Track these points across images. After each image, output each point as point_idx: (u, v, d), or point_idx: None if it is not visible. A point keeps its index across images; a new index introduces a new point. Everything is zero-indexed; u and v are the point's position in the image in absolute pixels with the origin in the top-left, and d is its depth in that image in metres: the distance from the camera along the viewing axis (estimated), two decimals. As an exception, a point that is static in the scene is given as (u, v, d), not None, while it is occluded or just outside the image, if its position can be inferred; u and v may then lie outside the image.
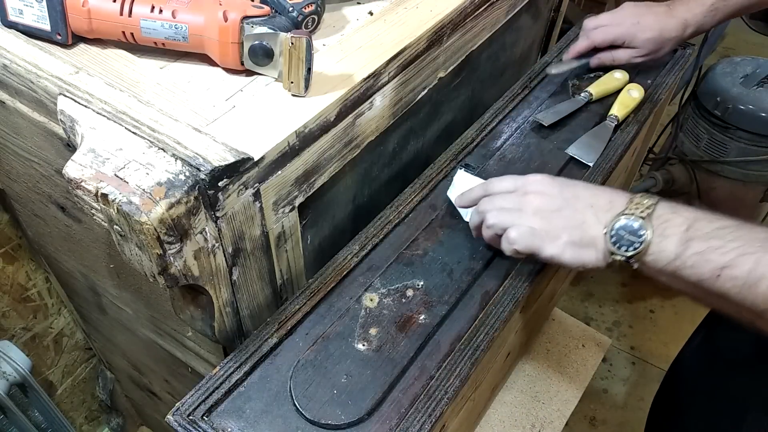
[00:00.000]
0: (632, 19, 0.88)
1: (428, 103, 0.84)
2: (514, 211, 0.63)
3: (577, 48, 0.94)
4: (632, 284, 1.90)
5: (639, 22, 0.87)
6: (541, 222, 0.60)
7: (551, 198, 0.61)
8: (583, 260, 0.59)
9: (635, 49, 0.90)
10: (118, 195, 0.49)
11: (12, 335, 1.07)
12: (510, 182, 0.65)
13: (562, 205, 0.60)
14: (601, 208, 0.58)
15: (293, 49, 0.58)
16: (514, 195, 0.64)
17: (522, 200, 0.62)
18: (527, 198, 0.62)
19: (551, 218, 0.60)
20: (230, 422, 0.57)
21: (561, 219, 0.59)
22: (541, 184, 0.63)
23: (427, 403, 0.59)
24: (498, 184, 0.66)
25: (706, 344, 0.99)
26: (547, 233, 0.60)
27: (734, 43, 2.79)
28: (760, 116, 1.50)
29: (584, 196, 0.60)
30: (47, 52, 0.62)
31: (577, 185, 0.61)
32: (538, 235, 0.60)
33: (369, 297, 0.67)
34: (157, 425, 1.39)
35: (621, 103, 0.91)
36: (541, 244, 0.60)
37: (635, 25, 0.87)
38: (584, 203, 0.59)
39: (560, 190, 0.61)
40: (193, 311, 0.65)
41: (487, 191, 0.67)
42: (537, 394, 1.24)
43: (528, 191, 0.63)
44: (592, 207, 0.58)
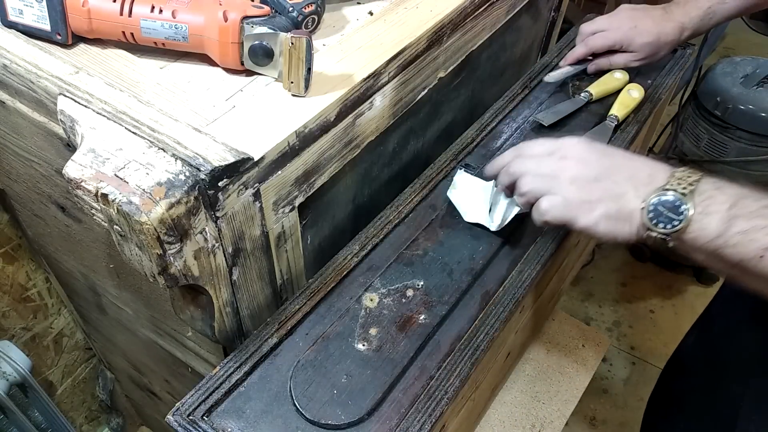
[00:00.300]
0: (629, 23, 0.87)
1: (428, 103, 0.84)
2: (548, 178, 0.59)
3: (575, 54, 0.93)
4: (632, 284, 1.90)
5: (636, 26, 0.87)
6: (576, 192, 0.57)
7: (589, 165, 0.58)
8: (616, 233, 0.56)
9: (633, 53, 0.89)
10: (118, 195, 0.49)
11: (12, 335, 1.07)
12: (546, 146, 0.62)
13: (601, 174, 0.57)
14: (641, 181, 0.55)
15: (293, 49, 0.58)
16: (550, 159, 0.60)
17: (558, 166, 0.59)
18: (564, 164, 0.59)
19: (588, 188, 0.57)
20: (230, 422, 0.57)
21: (598, 190, 0.56)
22: (579, 149, 0.59)
23: (427, 403, 0.59)
24: (532, 147, 0.63)
25: (701, 343, 0.99)
26: (581, 203, 0.57)
27: (734, 43, 2.79)
28: (760, 116, 1.50)
29: (624, 167, 0.57)
30: (47, 52, 0.62)
31: (615, 154, 0.58)
32: (572, 206, 0.57)
33: (369, 297, 0.67)
34: (157, 425, 1.39)
35: (621, 103, 0.91)
36: (575, 215, 0.57)
37: (633, 29, 0.87)
38: (624, 175, 0.56)
39: (599, 158, 0.58)
40: (193, 311, 0.65)
41: (521, 154, 0.64)
42: (537, 394, 1.24)
43: (565, 155, 0.59)
44: (632, 179, 0.55)
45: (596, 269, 1.93)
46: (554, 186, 0.59)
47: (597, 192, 0.57)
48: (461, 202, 0.76)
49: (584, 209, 0.57)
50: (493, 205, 0.75)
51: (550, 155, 0.61)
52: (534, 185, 0.60)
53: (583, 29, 0.92)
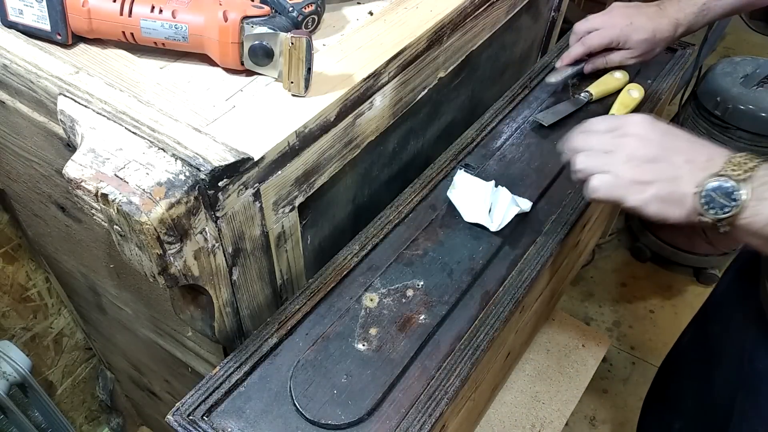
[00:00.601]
0: (624, 20, 0.86)
1: (428, 103, 0.84)
2: (603, 155, 0.59)
3: (572, 54, 0.92)
4: (632, 284, 1.90)
5: (632, 23, 0.86)
6: (630, 170, 0.57)
7: (649, 144, 0.58)
8: (666, 215, 0.56)
9: (629, 50, 0.89)
10: (118, 195, 0.49)
11: (12, 335, 1.07)
12: (608, 122, 0.62)
13: (659, 155, 0.57)
14: (699, 166, 0.54)
15: (293, 49, 0.58)
16: (610, 135, 0.60)
17: (618, 142, 0.59)
18: (624, 140, 0.59)
19: (643, 168, 0.57)
20: (230, 422, 0.57)
21: (653, 170, 0.56)
22: (642, 126, 0.59)
23: (427, 403, 0.59)
24: (595, 124, 0.63)
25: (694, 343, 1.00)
26: (633, 182, 0.57)
27: (734, 43, 2.79)
28: (760, 116, 1.50)
29: (684, 149, 0.56)
30: (47, 52, 0.62)
31: (678, 135, 0.58)
32: (623, 185, 0.57)
33: (369, 297, 0.67)
34: (157, 425, 1.39)
35: (621, 103, 0.91)
36: (625, 194, 0.57)
37: (628, 26, 0.86)
38: (683, 158, 0.56)
39: (661, 137, 0.58)
40: (193, 311, 0.65)
41: (584, 129, 0.64)
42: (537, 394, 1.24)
43: (627, 132, 0.59)
44: (690, 163, 0.55)
45: (596, 269, 1.93)
46: (608, 163, 0.59)
47: (651, 173, 0.56)
48: (461, 202, 0.76)
49: (635, 189, 0.57)
50: (493, 205, 0.75)
51: (611, 132, 0.60)
52: (588, 163, 0.61)
53: (577, 28, 0.91)
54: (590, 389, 1.29)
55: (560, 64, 0.94)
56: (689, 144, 0.57)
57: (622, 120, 0.61)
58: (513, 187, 0.78)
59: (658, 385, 1.12)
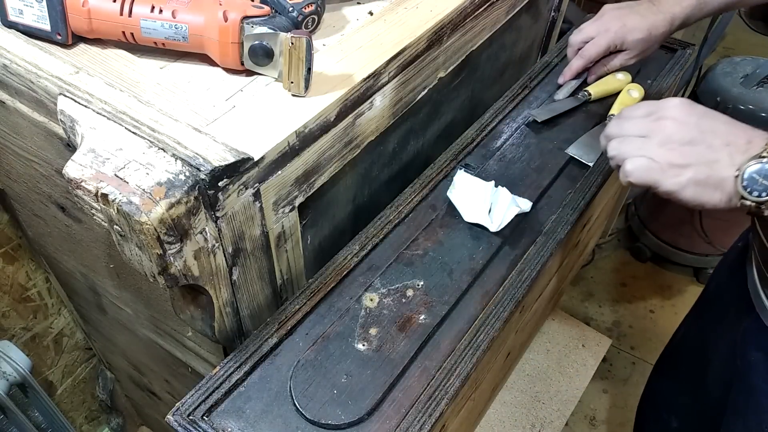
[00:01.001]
0: (617, 23, 0.85)
1: (428, 103, 0.84)
2: (637, 140, 0.59)
3: (573, 69, 0.92)
4: (632, 284, 1.90)
5: (625, 24, 0.85)
6: (666, 153, 0.56)
7: (686, 127, 0.56)
8: (703, 200, 0.55)
9: (626, 51, 0.88)
10: (118, 195, 0.49)
11: (12, 335, 1.07)
12: (645, 107, 0.61)
13: (696, 138, 0.55)
14: (738, 148, 0.53)
15: (293, 49, 0.58)
16: (646, 120, 0.59)
17: (654, 126, 0.58)
18: (661, 123, 0.58)
19: (679, 151, 0.56)
20: (230, 422, 0.57)
21: (690, 154, 0.55)
22: (680, 109, 0.57)
23: (427, 403, 0.59)
24: (633, 110, 0.62)
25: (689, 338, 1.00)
26: (669, 166, 0.56)
27: (734, 43, 2.79)
28: (760, 116, 1.50)
29: (722, 132, 0.55)
30: (47, 52, 0.62)
31: (717, 118, 0.56)
32: (657, 168, 0.56)
33: (369, 297, 0.67)
34: (157, 425, 1.39)
35: (621, 103, 0.91)
36: (660, 178, 0.56)
37: (622, 29, 0.85)
38: (721, 140, 0.54)
39: (698, 120, 0.56)
40: (193, 311, 0.65)
41: (620, 116, 0.63)
42: (537, 394, 1.24)
43: (664, 116, 0.58)
44: (729, 146, 0.54)
45: (596, 269, 1.93)
46: (642, 147, 0.58)
47: (688, 156, 0.55)
48: (461, 202, 0.76)
49: (671, 173, 0.56)
50: (493, 205, 0.75)
51: (648, 116, 0.59)
52: (620, 150, 0.60)
53: (572, 41, 0.91)
54: (590, 389, 1.29)
55: (563, 80, 0.94)
56: (728, 126, 0.55)
57: (659, 104, 0.59)
58: (513, 187, 0.78)
59: (653, 382, 1.12)
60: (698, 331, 0.97)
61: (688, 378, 0.98)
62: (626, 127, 0.61)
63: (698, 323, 0.98)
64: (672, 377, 1.06)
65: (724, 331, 0.85)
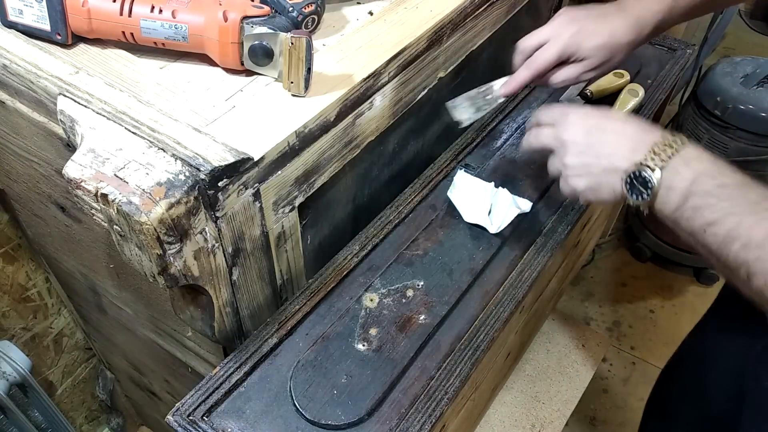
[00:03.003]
0: (571, 27, 0.72)
1: (428, 103, 0.84)
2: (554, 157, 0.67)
3: (518, 80, 0.76)
4: (632, 284, 1.90)
5: (580, 30, 0.72)
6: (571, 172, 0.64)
7: (578, 147, 0.64)
8: (603, 200, 0.64)
9: (583, 61, 0.73)
10: (118, 195, 0.49)
11: (12, 335, 1.07)
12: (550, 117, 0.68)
13: (585, 151, 0.63)
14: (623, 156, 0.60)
15: (293, 49, 0.58)
16: (552, 138, 0.66)
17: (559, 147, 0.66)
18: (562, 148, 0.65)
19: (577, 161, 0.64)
20: (230, 422, 0.57)
21: (582, 165, 0.63)
22: (572, 131, 0.64)
23: (427, 403, 0.59)
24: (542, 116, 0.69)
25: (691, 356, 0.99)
26: (572, 177, 0.64)
27: (734, 43, 2.79)
28: (760, 116, 1.50)
29: (609, 141, 0.62)
30: (47, 52, 0.62)
31: (606, 128, 0.63)
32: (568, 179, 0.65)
33: (369, 297, 0.67)
34: (157, 425, 1.39)
35: (622, 103, 0.91)
36: (568, 186, 0.65)
37: (577, 34, 0.72)
38: (608, 149, 0.61)
39: (586, 137, 0.63)
40: (193, 311, 0.65)
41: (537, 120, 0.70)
42: (537, 394, 1.24)
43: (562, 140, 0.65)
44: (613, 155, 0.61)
45: (596, 269, 1.93)
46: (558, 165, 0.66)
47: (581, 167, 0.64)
48: (461, 202, 0.76)
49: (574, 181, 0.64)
50: (493, 206, 0.75)
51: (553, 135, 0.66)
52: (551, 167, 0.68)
53: (521, 46, 0.76)
54: (590, 389, 1.29)
55: (506, 91, 0.77)
56: (615, 136, 0.62)
57: (559, 124, 0.66)
58: (513, 187, 0.78)
59: (657, 393, 1.11)
60: (702, 346, 0.96)
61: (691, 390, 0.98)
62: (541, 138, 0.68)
63: (706, 332, 0.96)
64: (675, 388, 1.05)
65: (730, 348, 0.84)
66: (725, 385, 0.86)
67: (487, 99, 0.79)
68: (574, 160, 0.64)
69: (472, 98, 0.79)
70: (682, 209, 0.56)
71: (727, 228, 0.52)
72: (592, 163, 0.62)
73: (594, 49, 0.72)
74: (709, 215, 0.53)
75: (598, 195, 0.63)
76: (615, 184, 0.60)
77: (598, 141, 0.62)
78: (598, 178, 0.62)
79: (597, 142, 0.62)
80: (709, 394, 0.91)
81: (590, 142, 0.63)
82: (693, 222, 0.55)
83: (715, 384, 0.89)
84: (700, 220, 0.54)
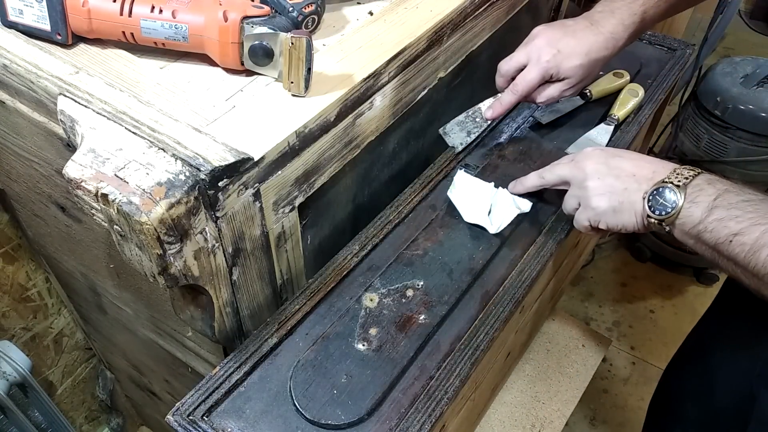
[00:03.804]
0: (550, 49, 0.75)
1: (428, 103, 0.84)
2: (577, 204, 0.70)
3: (504, 105, 0.81)
4: (632, 284, 1.90)
5: (560, 51, 0.75)
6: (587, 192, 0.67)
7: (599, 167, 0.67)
8: (623, 223, 0.65)
9: (564, 80, 0.78)
10: (118, 195, 0.49)
11: (12, 335, 1.07)
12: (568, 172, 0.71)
13: (606, 173, 0.66)
14: (644, 178, 0.63)
15: (293, 49, 0.58)
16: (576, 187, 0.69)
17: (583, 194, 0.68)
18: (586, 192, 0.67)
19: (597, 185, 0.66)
20: (230, 422, 0.57)
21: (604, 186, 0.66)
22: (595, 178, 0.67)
23: (427, 403, 0.59)
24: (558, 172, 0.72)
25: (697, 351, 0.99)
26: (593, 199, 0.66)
27: (734, 43, 2.79)
28: (760, 116, 1.50)
29: (628, 166, 0.65)
30: (47, 52, 0.62)
31: (623, 156, 0.66)
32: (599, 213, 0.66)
33: (369, 297, 0.67)
34: (157, 425, 1.39)
35: (621, 103, 0.91)
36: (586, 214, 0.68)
37: (556, 56, 0.75)
38: (627, 172, 0.64)
39: (606, 160, 0.66)
40: (193, 311, 0.65)
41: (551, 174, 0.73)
42: (537, 394, 1.24)
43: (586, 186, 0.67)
44: (635, 176, 0.64)
45: (596, 269, 1.93)
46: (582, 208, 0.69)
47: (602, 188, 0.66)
48: (461, 202, 0.76)
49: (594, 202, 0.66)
50: (493, 207, 0.75)
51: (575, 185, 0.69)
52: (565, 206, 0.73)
53: (503, 69, 0.80)
54: (590, 389, 1.29)
55: (491, 114, 0.82)
56: (634, 161, 0.65)
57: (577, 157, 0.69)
58: (513, 187, 0.78)
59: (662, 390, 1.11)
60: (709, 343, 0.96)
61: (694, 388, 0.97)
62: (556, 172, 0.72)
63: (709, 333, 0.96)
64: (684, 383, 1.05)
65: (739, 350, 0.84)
66: (731, 380, 0.86)
67: (477, 122, 0.83)
68: (596, 182, 0.66)
69: (461, 123, 0.83)
70: (705, 222, 0.57)
71: (755, 236, 0.54)
72: (615, 184, 0.65)
73: (573, 69, 0.76)
74: (735, 226, 0.55)
75: (618, 216, 0.65)
76: (636, 203, 0.63)
77: (618, 165, 0.65)
78: (621, 197, 0.64)
79: (618, 166, 0.65)
80: (715, 388, 0.91)
81: (611, 165, 0.66)
82: (718, 233, 0.56)
83: (721, 379, 0.89)
84: (726, 231, 0.56)
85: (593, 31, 0.76)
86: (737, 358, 0.83)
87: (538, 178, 0.74)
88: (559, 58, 0.75)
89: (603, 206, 0.65)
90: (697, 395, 0.95)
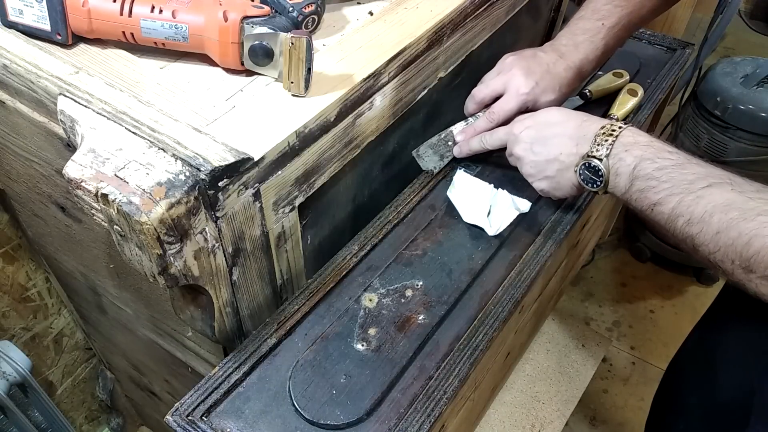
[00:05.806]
0: (528, 81, 0.78)
1: (428, 103, 0.84)
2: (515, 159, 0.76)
3: (478, 131, 0.81)
4: (632, 284, 1.90)
5: (537, 84, 0.78)
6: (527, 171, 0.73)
7: (531, 159, 0.71)
8: (568, 194, 0.71)
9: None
10: (118, 195, 0.49)
11: (12, 335, 1.07)
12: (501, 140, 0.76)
13: (536, 159, 0.71)
14: (570, 154, 0.68)
15: (293, 49, 0.58)
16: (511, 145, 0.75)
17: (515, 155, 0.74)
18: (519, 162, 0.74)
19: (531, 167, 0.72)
20: (229, 422, 0.57)
21: (536, 168, 0.71)
22: (521, 149, 0.72)
23: (426, 403, 0.59)
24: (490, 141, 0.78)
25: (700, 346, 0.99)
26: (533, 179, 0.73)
27: (734, 43, 2.79)
28: (760, 116, 1.50)
29: (555, 144, 0.69)
30: (47, 52, 0.62)
31: (550, 133, 0.70)
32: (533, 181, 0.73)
33: (368, 297, 0.67)
34: (157, 425, 1.39)
35: (621, 103, 0.91)
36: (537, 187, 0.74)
37: (534, 89, 0.78)
38: (555, 151, 0.69)
39: (532, 142, 0.71)
40: (193, 311, 0.65)
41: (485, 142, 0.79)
42: (537, 394, 1.24)
43: (516, 155, 0.73)
44: (561, 154, 0.68)
45: (596, 269, 1.93)
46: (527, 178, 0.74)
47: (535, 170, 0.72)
48: (461, 203, 0.76)
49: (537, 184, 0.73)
50: (492, 207, 0.75)
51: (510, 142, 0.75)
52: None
53: (477, 96, 0.82)
54: (590, 389, 1.29)
55: (463, 138, 0.82)
56: (559, 139, 0.69)
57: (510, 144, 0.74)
58: (512, 187, 0.78)
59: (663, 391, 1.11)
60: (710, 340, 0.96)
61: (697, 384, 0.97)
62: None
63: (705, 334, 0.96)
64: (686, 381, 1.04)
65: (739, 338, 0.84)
66: (733, 374, 0.86)
67: (449, 146, 0.83)
68: (531, 169, 0.72)
69: (434, 146, 0.84)
70: (629, 192, 0.62)
71: (671, 207, 0.59)
72: (546, 167, 0.70)
73: (548, 102, 0.80)
74: (653, 196, 0.60)
75: (563, 192, 0.71)
76: (572, 179, 0.68)
77: (544, 146, 0.70)
78: (556, 177, 0.70)
79: (543, 148, 0.70)
80: (717, 382, 0.91)
81: (535, 149, 0.71)
82: (640, 203, 0.62)
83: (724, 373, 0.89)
84: (646, 202, 0.61)
85: (563, 66, 0.79)
86: (739, 353, 0.84)
87: (479, 142, 0.79)
88: (536, 92, 0.78)
89: (545, 188, 0.72)
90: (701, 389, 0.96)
